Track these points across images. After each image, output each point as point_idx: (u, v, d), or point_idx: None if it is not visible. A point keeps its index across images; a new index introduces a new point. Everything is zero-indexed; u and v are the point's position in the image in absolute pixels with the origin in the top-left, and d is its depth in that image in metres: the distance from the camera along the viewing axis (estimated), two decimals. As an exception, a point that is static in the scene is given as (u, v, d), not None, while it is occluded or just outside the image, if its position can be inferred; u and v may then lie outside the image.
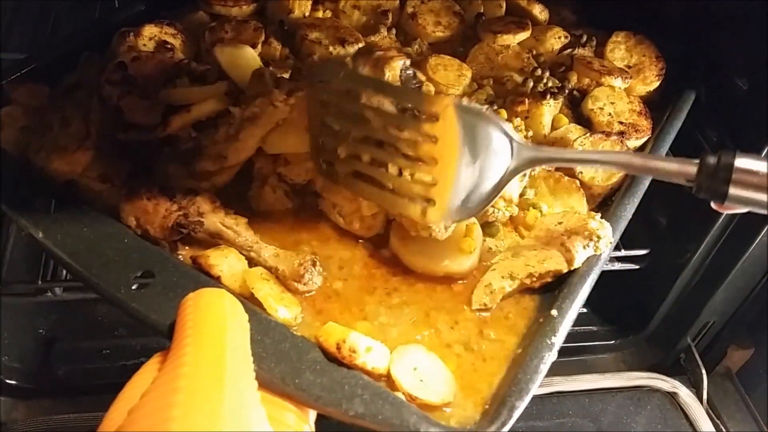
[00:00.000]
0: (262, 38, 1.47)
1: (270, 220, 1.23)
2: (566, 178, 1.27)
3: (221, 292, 0.95)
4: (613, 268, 1.77)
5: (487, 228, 1.22)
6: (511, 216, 1.23)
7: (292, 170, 1.24)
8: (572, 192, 1.25)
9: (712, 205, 1.00)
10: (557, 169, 1.31)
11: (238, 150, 1.18)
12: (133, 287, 1.03)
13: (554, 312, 1.07)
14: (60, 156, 1.20)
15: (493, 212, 1.21)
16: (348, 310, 1.11)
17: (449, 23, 1.60)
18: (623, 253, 1.75)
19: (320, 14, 1.60)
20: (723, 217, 1.63)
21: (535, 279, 1.13)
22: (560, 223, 1.19)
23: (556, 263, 1.14)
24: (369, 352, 0.96)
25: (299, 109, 1.17)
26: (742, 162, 0.92)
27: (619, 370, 1.89)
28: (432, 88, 1.38)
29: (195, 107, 1.19)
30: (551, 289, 1.14)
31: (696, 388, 1.85)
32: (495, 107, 1.38)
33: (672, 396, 1.84)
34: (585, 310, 2.03)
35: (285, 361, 0.95)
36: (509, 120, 1.35)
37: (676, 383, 1.84)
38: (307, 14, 1.59)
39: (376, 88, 1.08)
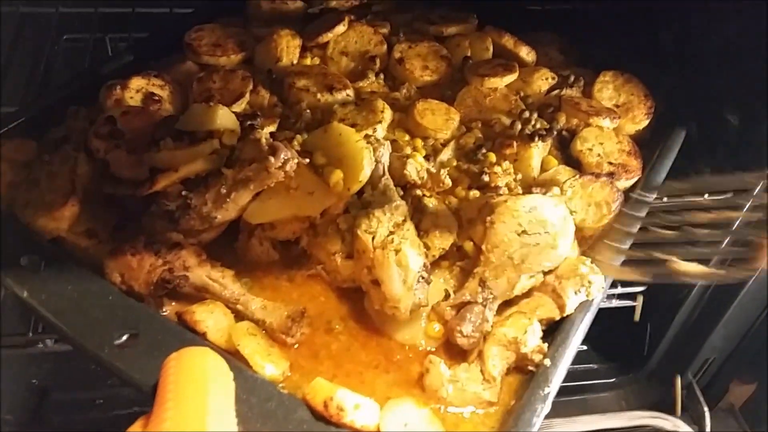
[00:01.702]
0: (250, 87, 1.47)
1: (257, 272, 1.23)
2: None
3: (204, 351, 0.94)
4: (610, 305, 1.75)
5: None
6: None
7: (277, 233, 1.24)
8: None
9: None
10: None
11: (228, 210, 1.18)
12: (117, 345, 1.01)
13: (547, 362, 1.06)
14: (46, 212, 1.19)
15: None
16: (337, 365, 1.10)
17: (436, 67, 1.61)
18: (620, 290, 1.74)
19: (308, 61, 1.61)
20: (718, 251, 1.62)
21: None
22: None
23: (549, 311, 1.13)
24: (357, 410, 0.94)
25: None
26: None
27: (620, 409, 1.87)
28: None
29: (183, 167, 1.18)
30: (544, 336, 1.12)
31: (698, 426, 1.82)
32: (484, 150, 1.38)
33: (674, 435, 1.81)
34: (584, 347, 2.01)
35: (271, 421, 0.94)
36: (498, 164, 1.34)
37: (678, 422, 1.81)
38: (295, 62, 1.59)
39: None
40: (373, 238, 1.13)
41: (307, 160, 1.26)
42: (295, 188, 1.21)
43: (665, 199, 1.22)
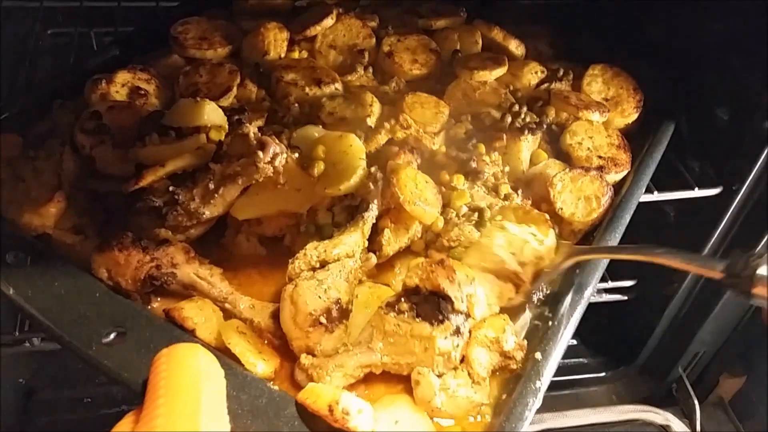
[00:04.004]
0: (238, 81, 1.46)
1: (245, 267, 1.21)
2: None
3: (195, 347, 0.93)
4: (600, 299, 1.76)
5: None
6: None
7: (264, 229, 1.23)
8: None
9: None
10: (534, 203, 1.30)
11: (216, 205, 1.17)
12: (105, 343, 1.00)
13: (538, 355, 1.05)
14: (31, 209, 1.18)
15: None
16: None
17: (426, 61, 1.60)
18: (610, 284, 1.74)
19: (296, 55, 1.59)
20: (709, 245, 1.62)
21: None
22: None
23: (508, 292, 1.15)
24: (360, 414, 0.91)
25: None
26: (765, 270, 0.90)
27: (611, 403, 1.88)
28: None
29: (170, 162, 1.17)
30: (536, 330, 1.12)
31: (689, 419, 1.84)
32: (474, 141, 1.38)
33: (665, 429, 1.82)
34: (575, 342, 2.01)
35: (262, 418, 0.92)
36: (487, 154, 1.34)
37: (669, 416, 1.83)
38: (282, 55, 1.58)
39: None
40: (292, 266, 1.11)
41: (296, 155, 1.25)
42: (283, 184, 1.20)
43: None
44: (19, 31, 1.90)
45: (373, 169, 1.23)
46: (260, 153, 1.13)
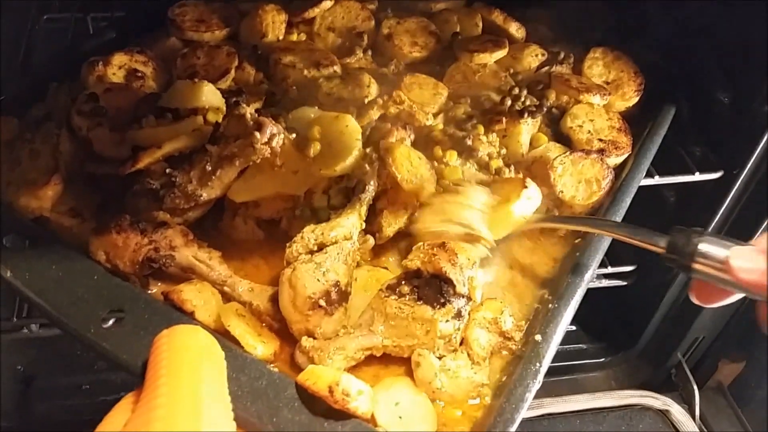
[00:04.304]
0: (236, 63, 1.45)
1: (244, 251, 1.21)
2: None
3: (196, 328, 0.92)
4: (600, 285, 1.75)
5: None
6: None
7: (261, 212, 1.22)
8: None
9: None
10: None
11: (213, 188, 1.16)
12: (104, 326, 0.99)
13: (538, 337, 1.04)
14: (28, 191, 1.16)
15: None
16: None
17: (425, 43, 1.59)
18: (610, 270, 1.73)
19: (294, 37, 1.58)
20: (709, 230, 1.61)
21: None
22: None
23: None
24: (360, 396, 0.91)
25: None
26: (705, 247, 0.92)
27: (610, 389, 1.87)
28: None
29: (166, 143, 1.16)
30: (536, 312, 1.12)
31: (688, 404, 1.84)
32: (474, 121, 1.37)
33: (664, 414, 1.81)
34: (574, 328, 2.01)
35: (261, 399, 0.92)
36: (486, 135, 1.34)
37: (668, 400, 1.82)
38: (281, 38, 1.57)
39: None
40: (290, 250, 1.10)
41: (294, 136, 1.24)
42: (280, 166, 1.19)
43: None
44: (15, 17, 1.88)
45: (368, 149, 1.22)
46: (257, 134, 1.12)
